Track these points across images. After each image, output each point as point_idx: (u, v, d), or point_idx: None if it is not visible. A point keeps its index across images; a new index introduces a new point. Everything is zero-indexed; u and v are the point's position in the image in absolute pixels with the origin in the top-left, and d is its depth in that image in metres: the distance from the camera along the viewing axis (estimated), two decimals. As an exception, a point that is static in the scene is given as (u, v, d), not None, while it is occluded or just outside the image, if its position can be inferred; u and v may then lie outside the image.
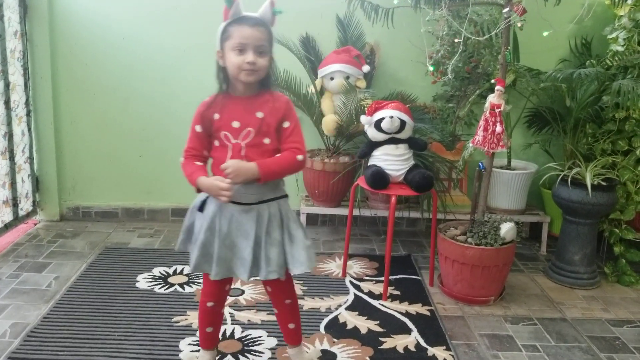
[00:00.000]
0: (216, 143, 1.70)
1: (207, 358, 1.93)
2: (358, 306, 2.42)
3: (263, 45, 1.62)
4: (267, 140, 1.68)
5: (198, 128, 1.70)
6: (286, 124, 1.69)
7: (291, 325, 1.91)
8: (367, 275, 2.74)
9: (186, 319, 2.26)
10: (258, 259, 1.70)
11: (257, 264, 1.71)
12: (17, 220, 3.10)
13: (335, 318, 2.31)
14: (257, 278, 1.73)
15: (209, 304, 1.84)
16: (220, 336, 2.13)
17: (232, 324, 2.24)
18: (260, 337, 2.15)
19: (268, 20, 1.66)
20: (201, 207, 1.73)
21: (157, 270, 2.70)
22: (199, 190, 1.69)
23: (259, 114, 1.67)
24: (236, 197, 1.66)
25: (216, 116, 1.68)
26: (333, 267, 2.81)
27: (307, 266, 1.71)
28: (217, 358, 1.99)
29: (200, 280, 2.58)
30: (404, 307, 2.43)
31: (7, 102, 2.95)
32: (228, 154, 1.67)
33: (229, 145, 1.67)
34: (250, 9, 1.66)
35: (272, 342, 2.12)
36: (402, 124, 2.52)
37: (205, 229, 1.71)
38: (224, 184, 1.59)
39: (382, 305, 2.44)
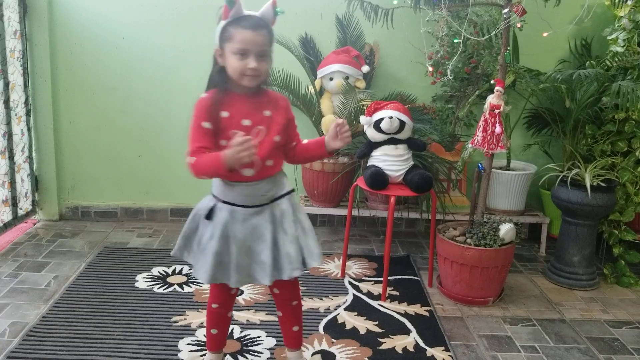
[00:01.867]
0: (223, 142, 1.61)
1: None
2: (357, 307, 2.42)
3: (265, 50, 1.59)
4: (277, 138, 1.66)
5: (206, 124, 1.59)
6: (292, 122, 1.74)
7: (295, 328, 1.88)
8: (366, 276, 2.74)
9: (185, 319, 2.26)
10: (278, 260, 1.66)
11: (277, 266, 1.67)
12: (16, 219, 3.10)
13: (334, 318, 2.31)
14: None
15: (214, 306, 1.83)
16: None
17: (231, 323, 2.23)
18: (259, 337, 2.15)
19: (269, 20, 1.62)
20: (209, 215, 1.67)
21: (156, 270, 2.70)
22: (230, 170, 1.56)
23: (267, 112, 1.66)
24: (247, 200, 1.65)
25: (224, 114, 1.61)
26: (332, 267, 2.81)
27: (320, 258, 1.73)
28: None
29: (200, 281, 2.58)
30: (403, 307, 2.43)
31: (6, 102, 2.95)
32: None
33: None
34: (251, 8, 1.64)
35: (271, 342, 2.12)
36: (402, 124, 2.52)
37: (218, 237, 1.64)
38: (239, 139, 1.50)
39: (381, 305, 2.44)
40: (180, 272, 2.68)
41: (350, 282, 2.66)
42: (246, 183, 1.64)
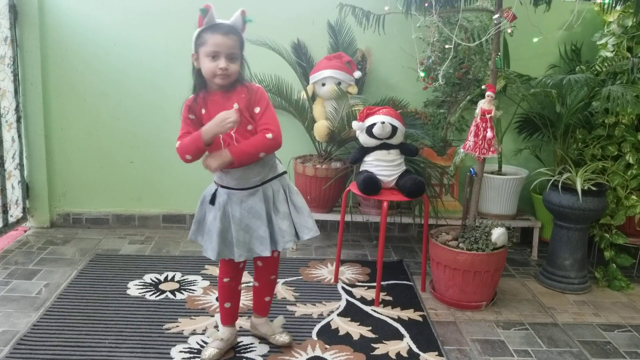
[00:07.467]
0: None
1: (226, 334, 2.07)
2: (350, 312, 2.42)
3: (234, 52, 1.79)
4: (250, 127, 1.85)
5: (191, 116, 1.86)
6: (257, 109, 1.85)
7: (267, 298, 2.13)
8: (359, 281, 2.73)
9: (177, 326, 2.24)
10: (274, 234, 1.90)
11: (273, 240, 1.90)
12: (6, 227, 3.08)
13: (328, 324, 2.31)
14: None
15: (225, 280, 2.02)
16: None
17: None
18: (252, 344, 2.14)
19: (239, 28, 1.82)
20: (212, 200, 1.90)
21: (148, 277, 2.69)
22: (207, 145, 1.81)
23: (235, 105, 1.82)
24: (240, 183, 1.86)
25: (203, 111, 1.84)
26: (325, 273, 2.81)
27: (315, 231, 1.96)
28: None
29: (192, 287, 2.58)
30: (396, 312, 2.43)
31: (-4, 108, 2.94)
32: (221, 144, 1.83)
33: (220, 136, 1.82)
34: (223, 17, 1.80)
35: (264, 349, 2.11)
36: (394, 129, 2.53)
37: (220, 217, 1.87)
38: (227, 112, 1.76)
39: (374, 311, 2.44)
40: (172, 279, 2.67)
41: (343, 288, 2.65)
42: (237, 168, 1.84)
